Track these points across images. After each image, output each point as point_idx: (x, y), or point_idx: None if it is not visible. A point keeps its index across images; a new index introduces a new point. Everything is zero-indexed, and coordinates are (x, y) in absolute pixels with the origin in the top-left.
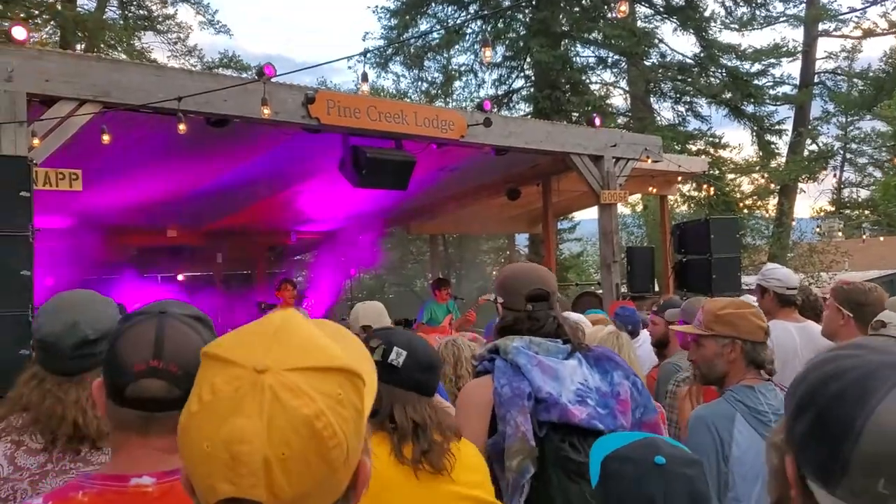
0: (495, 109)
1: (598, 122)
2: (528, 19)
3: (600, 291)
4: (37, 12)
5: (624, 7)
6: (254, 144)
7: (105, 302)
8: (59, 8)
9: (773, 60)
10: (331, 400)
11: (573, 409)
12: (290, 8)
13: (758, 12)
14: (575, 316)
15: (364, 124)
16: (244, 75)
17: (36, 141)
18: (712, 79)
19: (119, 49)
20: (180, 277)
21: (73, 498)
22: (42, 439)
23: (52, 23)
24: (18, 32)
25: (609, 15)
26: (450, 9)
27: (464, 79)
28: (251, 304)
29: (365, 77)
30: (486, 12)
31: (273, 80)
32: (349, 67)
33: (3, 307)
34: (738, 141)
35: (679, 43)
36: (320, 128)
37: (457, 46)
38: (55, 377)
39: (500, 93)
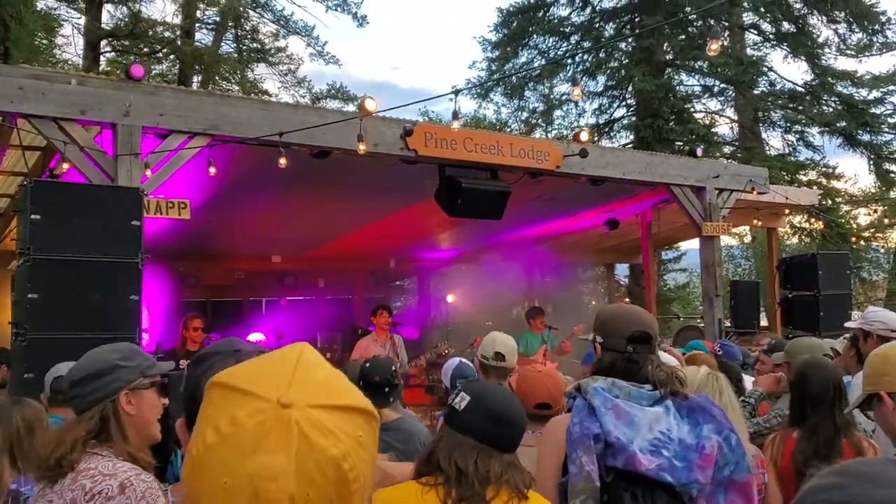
0: (596, 138)
1: (699, 152)
2: (630, 48)
3: (703, 325)
4: (159, 47)
5: (715, 46)
6: (354, 174)
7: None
8: (179, 43)
9: (892, 87)
10: (354, 442)
11: (641, 457)
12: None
13: (875, 38)
14: (665, 357)
15: (460, 155)
16: (350, 106)
17: (148, 172)
18: (825, 107)
19: (233, 81)
20: (283, 302)
21: None
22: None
23: (170, 57)
24: (137, 70)
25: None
26: (551, 40)
27: (564, 108)
28: (349, 328)
29: (455, 115)
30: (588, 45)
31: (374, 113)
32: (450, 100)
33: (114, 331)
34: (854, 171)
35: (789, 70)
36: (417, 159)
37: (559, 76)
38: None
39: (600, 122)
